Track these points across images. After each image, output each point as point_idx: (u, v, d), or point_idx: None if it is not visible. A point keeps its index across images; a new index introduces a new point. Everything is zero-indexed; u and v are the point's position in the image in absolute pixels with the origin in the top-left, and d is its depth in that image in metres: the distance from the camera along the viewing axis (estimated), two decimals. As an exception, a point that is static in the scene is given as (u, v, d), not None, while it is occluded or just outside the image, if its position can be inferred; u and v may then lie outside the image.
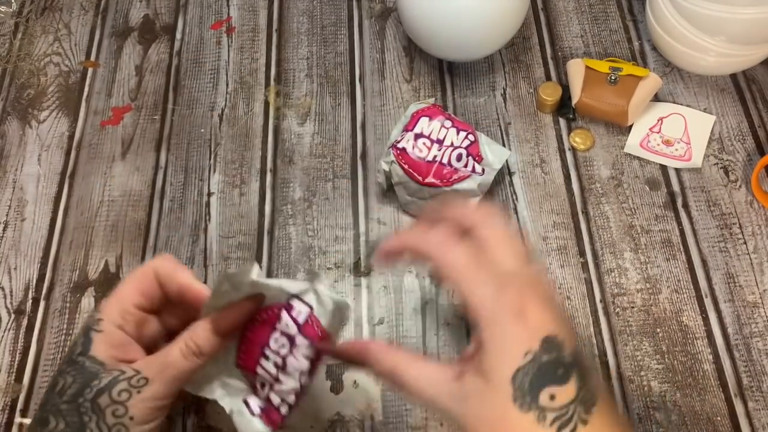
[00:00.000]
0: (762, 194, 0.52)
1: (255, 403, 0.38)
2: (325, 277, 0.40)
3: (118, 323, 0.37)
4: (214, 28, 0.65)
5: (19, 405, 0.48)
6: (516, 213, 0.53)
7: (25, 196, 0.56)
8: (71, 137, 0.59)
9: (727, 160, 0.55)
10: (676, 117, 0.57)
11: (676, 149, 0.55)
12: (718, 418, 0.45)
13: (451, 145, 0.51)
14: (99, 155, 0.58)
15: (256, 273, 0.36)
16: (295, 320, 0.37)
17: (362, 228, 0.53)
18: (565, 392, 0.30)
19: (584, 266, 0.51)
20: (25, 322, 0.51)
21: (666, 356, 0.47)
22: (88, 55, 0.64)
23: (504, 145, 0.56)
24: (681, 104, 0.58)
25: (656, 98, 0.58)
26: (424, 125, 0.51)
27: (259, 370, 0.37)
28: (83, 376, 0.35)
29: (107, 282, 0.52)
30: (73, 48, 0.65)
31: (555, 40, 0.62)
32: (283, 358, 0.37)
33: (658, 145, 0.55)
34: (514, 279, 0.32)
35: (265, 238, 0.53)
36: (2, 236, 0.55)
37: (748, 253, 0.51)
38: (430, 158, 0.50)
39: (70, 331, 0.50)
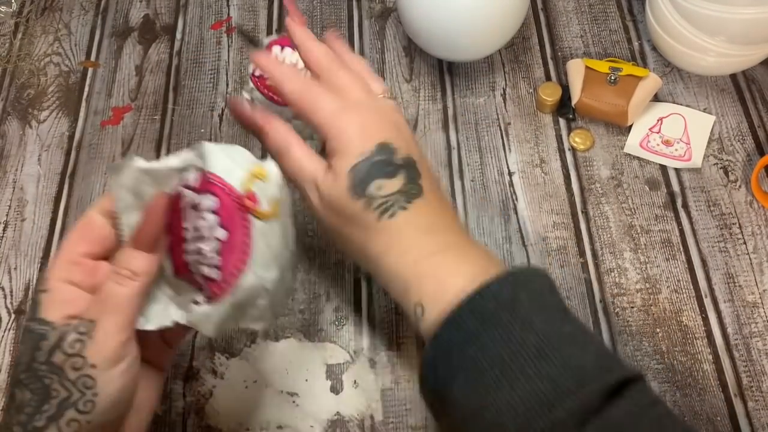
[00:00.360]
0: (762, 194, 0.52)
1: (200, 296, 0.35)
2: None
3: (66, 278, 0.34)
4: (214, 28, 0.65)
5: (20, 405, 0.48)
6: (516, 213, 0.53)
7: (25, 196, 0.56)
8: (71, 137, 0.59)
9: (727, 160, 0.55)
10: (675, 117, 0.57)
11: (676, 149, 0.55)
12: (718, 418, 0.45)
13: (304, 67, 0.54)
14: (99, 155, 0.58)
15: (142, 162, 0.34)
16: (189, 187, 0.34)
17: (362, 228, 0.53)
18: (391, 185, 0.37)
19: (584, 266, 0.51)
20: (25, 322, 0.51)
21: (666, 356, 0.47)
22: (88, 55, 0.64)
23: (504, 146, 0.57)
24: (681, 104, 0.58)
25: (656, 98, 0.58)
26: (277, 52, 0.55)
27: (188, 258, 0.34)
28: (32, 340, 0.33)
29: (107, 282, 0.52)
30: (73, 48, 0.65)
31: (555, 40, 0.62)
32: (195, 228, 0.34)
33: (658, 145, 0.55)
34: (356, 103, 0.40)
35: (265, 238, 0.53)
36: (2, 236, 0.55)
37: (748, 253, 0.51)
38: None
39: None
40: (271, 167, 0.36)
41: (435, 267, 0.36)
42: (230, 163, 0.35)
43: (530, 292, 0.34)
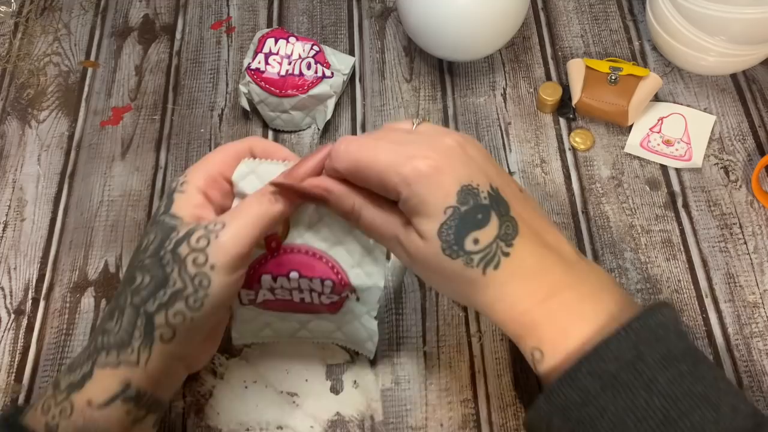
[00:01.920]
0: (762, 194, 0.52)
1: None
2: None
3: (202, 188, 0.37)
4: (214, 28, 0.65)
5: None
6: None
7: (25, 196, 0.56)
8: (71, 137, 0.59)
9: (728, 160, 0.55)
10: (676, 117, 0.57)
11: (677, 149, 0.55)
12: (719, 419, 0.45)
13: (299, 57, 0.56)
14: (99, 155, 0.58)
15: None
16: None
17: (362, 228, 0.53)
18: (487, 233, 0.34)
19: (584, 266, 0.51)
20: (24, 322, 0.51)
21: (666, 356, 0.47)
22: (87, 55, 0.64)
23: (504, 146, 0.56)
24: (681, 104, 0.58)
25: (656, 98, 0.58)
26: (271, 45, 0.57)
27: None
28: (163, 231, 0.36)
29: (107, 282, 0.52)
30: (72, 48, 0.65)
31: (555, 40, 0.62)
32: None
33: (659, 145, 0.55)
34: (411, 145, 0.35)
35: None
36: (2, 236, 0.55)
37: (749, 253, 0.51)
38: (283, 72, 0.56)
39: (70, 331, 0.50)
40: None
41: (550, 313, 0.34)
42: None
43: (654, 345, 0.32)
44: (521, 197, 0.36)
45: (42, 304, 0.51)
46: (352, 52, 0.62)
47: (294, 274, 0.39)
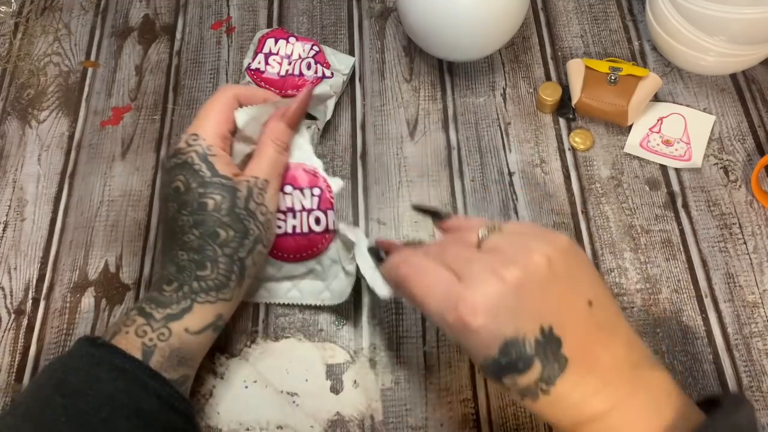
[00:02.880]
0: (762, 194, 0.52)
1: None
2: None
3: (223, 147, 0.44)
4: (214, 28, 0.65)
5: (19, 405, 0.48)
6: (516, 213, 0.53)
7: (25, 196, 0.56)
8: (71, 137, 0.59)
9: (727, 160, 0.55)
10: (675, 117, 0.57)
11: (676, 149, 0.55)
12: (718, 418, 0.45)
13: (299, 57, 0.57)
14: (99, 155, 0.58)
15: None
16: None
17: (362, 228, 0.53)
18: (527, 377, 0.33)
19: (584, 266, 0.51)
20: (25, 322, 0.51)
21: (666, 356, 0.47)
22: (88, 55, 0.64)
23: (504, 146, 0.57)
24: (681, 104, 0.58)
25: (656, 98, 0.58)
26: (271, 45, 0.58)
27: (305, 229, 0.48)
28: (227, 191, 0.42)
29: (107, 282, 0.52)
30: (73, 48, 0.65)
31: (555, 40, 0.62)
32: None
33: (658, 145, 0.55)
34: (461, 286, 0.33)
35: (265, 238, 0.53)
36: (2, 236, 0.55)
37: (748, 253, 0.51)
38: (282, 72, 0.57)
39: (70, 331, 0.50)
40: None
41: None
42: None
43: None
44: (585, 319, 0.34)
45: (42, 304, 0.52)
46: (352, 52, 0.62)
47: (288, 188, 0.47)
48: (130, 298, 0.51)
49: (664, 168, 0.55)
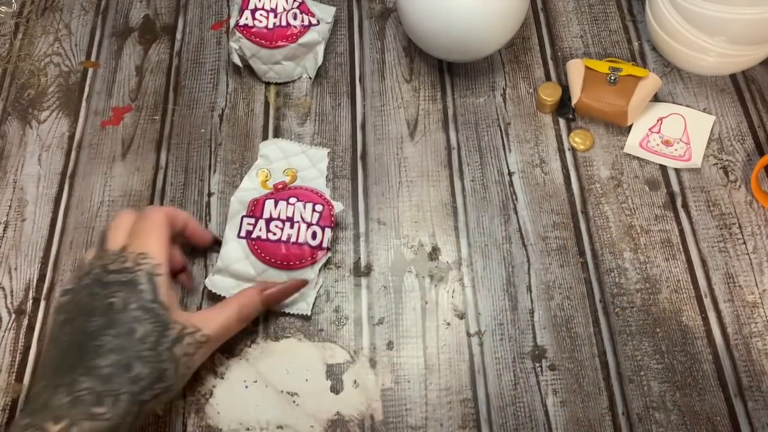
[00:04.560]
0: (761, 194, 0.53)
1: None
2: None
3: (166, 270, 0.42)
4: (214, 28, 0.65)
5: (20, 405, 0.48)
6: (516, 213, 0.53)
7: (26, 197, 0.56)
8: (71, 137, 0.59)
9: (727, 160, 0.55)
10: (675, 117, 0.57)
11: (676, 149, 0.55)
12: (718, 418, 0.45)
13: (284, 9, 0.59)
14: (99, 155, 0.58)
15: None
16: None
17: (362, 228, 0.53)
18: None
19: (584, 266, 0.51)
20: (25, 322, 0.51)
21: (665, 356, 0.47)
22: (88, 55, 0.64)
23: (504, 146, 0.57)
24: (680, 104, 0.58)
25: (656, 98, 0.58)
26: (256, 1, 0.59)
27: (300, 240, 0.49)
28: (160, 324, 0.39)
29: (107, 282, 0.52)
30: (73, 48, 0.65)
31: (555, 40, 0.62)
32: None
33: (658, 145, 0.55)
34: None
35: (265, 238, 0.53)
36: (3, 236, 0.55)
37: (748, 253, 0.51)
38: (270, 25, 0.58)
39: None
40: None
41: None
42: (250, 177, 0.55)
43: None
44: None
45: (43, 304, 0.52)
46: (352, 53, 0.62)
47: (293, 199, 0.50)
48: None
49: (663, 168, 0.55)
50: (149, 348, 0.38)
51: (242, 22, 0.58)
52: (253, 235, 0.49)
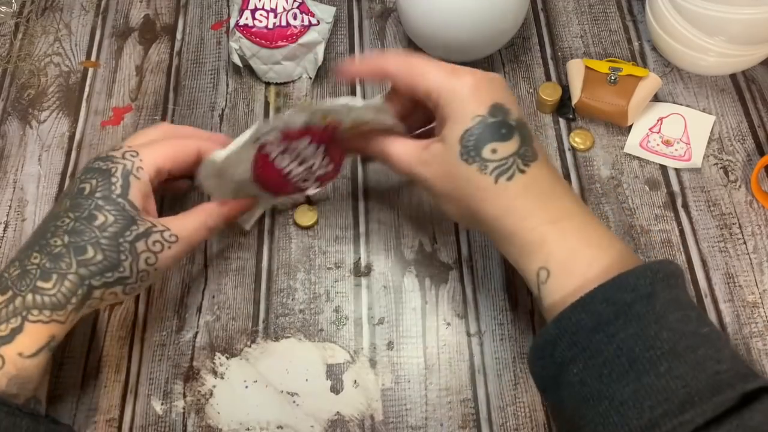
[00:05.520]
0: (762, 194, 0.53)
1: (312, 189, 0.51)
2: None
3: (150, 177, 0.42)
4: (214, 28, 0.65)
5: (20, 405, 0.48)
6: (516, 213, 0.53)
7: (26, 196, 0.57)
8: (72, 137, 0.59)
9: (727, 160, 0.55)
10: (675, 117, 0.57)
11: (676, 149, 0.55)
12: (718, 418, 0.45)
13: (284, 9, 0.58)
14: (99, 155, 0.58)
15: (218, 155, 0.43)
16: (282, 140, 0.44)
17: (362, 228, 0.53)
18: (506, 147, 0.37)
19: (584, 266, 0.51)
20: (25, 322, 0.51)
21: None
22: (88, 55, 0.64)
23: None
24: (681, 104, 0.58)
25: (656, 98, 0.58)
26: (256, 1, 0.59)
27: (295, 179, 0.48)
28: (124, 218, 0.40)
29: (108, 282, 0.52)
30: (73, 48, 0.65)
31: (555, 40, 0.62)
32: (301, 159, 0.47)
33: (658, 145, 0.55)
34: (466, 69, 0.39)
35: (266, 238, 0.53)
36: (3, 236, 0.55)
37: (748, 253, 0.51)
38: (270, 26, 0.58)
39: (70, 331, 0.50)
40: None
41: (561, 233, 0.36)
42: (291, 113, 0.44)
43: (668, 289, 0.34)
44: (544, 149, 0.40)
45: (43, 304, 0.52)
46: (352, 53, 0.62)
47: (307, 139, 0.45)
48: (129, 298, 0.51)
49: (664, 168, 0.55)
50: (108, 237, 0.39)
51: (242, 22, 0.58)
52: (274, 155, 0.46)
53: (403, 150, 0.42)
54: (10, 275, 0.38)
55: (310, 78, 0.60)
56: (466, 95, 0.38)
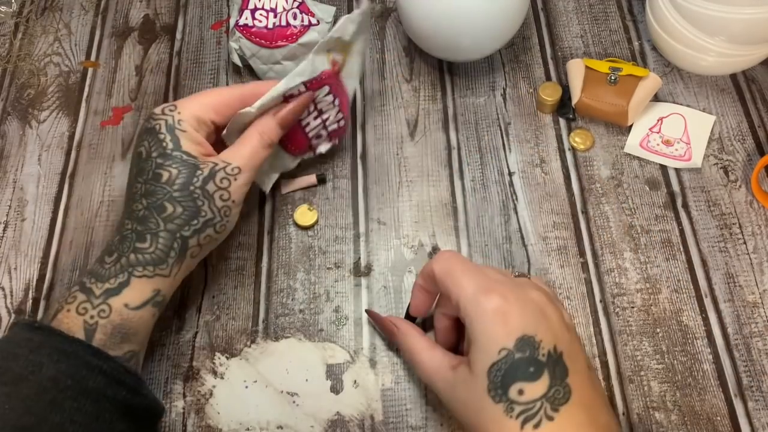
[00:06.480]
0: (762, 194, 0.52)
1: (323, 146, 0.54)
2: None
3: (195, 127, 0.44)
4: (214, 28, 0.65)
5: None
6: (516, 213, 0.53)
7: (26, 196, 0.56)
8: (71, 137, 0.59)
9: (727, 160, 0.55)
10: (675, 117, 0.57)
11: (676, 149, 0.55)
12: (718, 418, 0.45)
13: (284, 9, 0.58)
14: (99, 155, 0.58)
15: (250, 108, 0.46)
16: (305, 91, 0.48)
17: (362, 228, 0.53)
18: (534, 388, 0.34)
19: (584, 266, 0.51)
20: (25, 322, 0.51)
21: (666, 356, 0.47)
22: (88, 55, 0.64)
23: (504, 146, 0.57)
24: (681, 104, 0.58)
25: (656, 98, 0.58)
26: (255, 1, 0.59)
27: (310, 133, 0.51)
28: (186, 167, 0.42)
29: (107, 282, 0.52)
30: (73, 48, 0.65)
31: (555, 40, 0.62)
32: (319, 111, 0.50)
33: (658, 145, 0.55)
34: (498, 283, 0.37)
35: (265, 238, 0.53)
36: (2, 236, 0.55)
37: (748, 253, 0.51)
38: (270, 25, 0.58)
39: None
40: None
41: None
42: (311, 59, 0.48)
43: None
44: (586, 373, 0.36)
45: (42, 303, 0.52)
46: (352, 53, 0.62)
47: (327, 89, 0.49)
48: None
49: (664, 168, 0.55)
50: (179, 189, 0.42)
51: (242, 21, 0.58)
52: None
53: (430, 363, 0.40)
54: (114, 242, 0.42)
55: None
56: (491, 321, 0.35)
